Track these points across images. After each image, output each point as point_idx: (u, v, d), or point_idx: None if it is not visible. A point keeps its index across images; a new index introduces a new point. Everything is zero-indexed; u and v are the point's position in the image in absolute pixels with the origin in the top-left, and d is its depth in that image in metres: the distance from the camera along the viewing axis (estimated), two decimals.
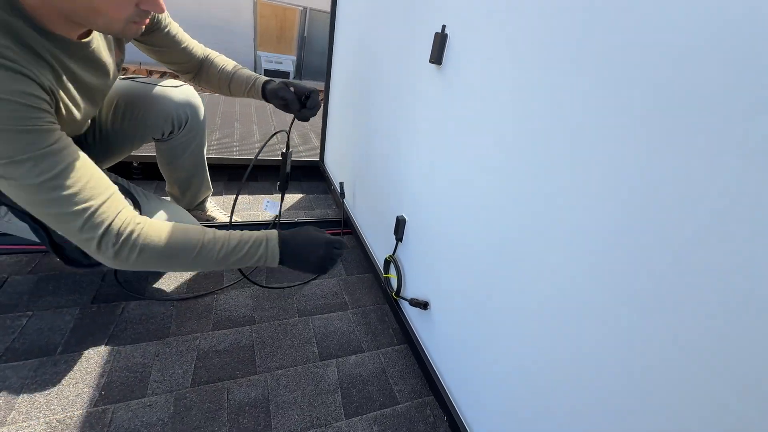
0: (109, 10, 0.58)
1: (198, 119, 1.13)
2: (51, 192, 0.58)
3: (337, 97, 1.62)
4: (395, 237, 0.99)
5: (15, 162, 0.54)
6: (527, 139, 0.56)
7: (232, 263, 0.78)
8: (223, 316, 1.01)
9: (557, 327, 0.54)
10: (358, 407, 0.85)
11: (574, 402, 0.52)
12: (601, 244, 0.47)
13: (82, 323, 0.91)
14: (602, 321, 0.47)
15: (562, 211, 0.51)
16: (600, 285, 0.47)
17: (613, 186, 0.45)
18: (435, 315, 0.87)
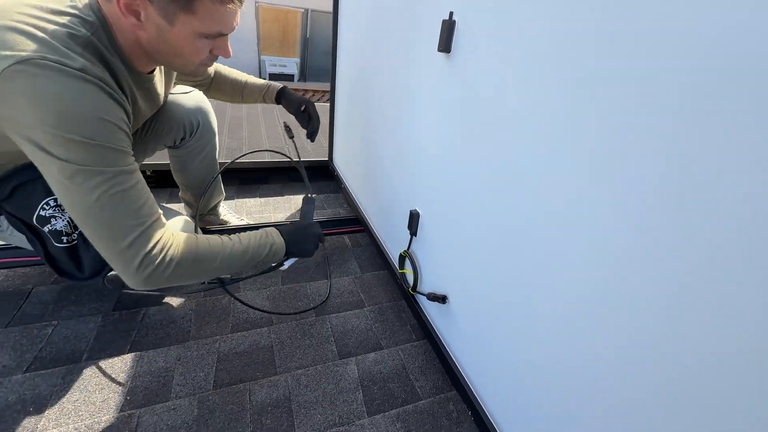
0: (190, 54, 0.69)
1: (209, 124, 1.14)
2: (114, 206, 0.62)
3: (344, 95, 1.61)
4: (409, 231, 0.98)
5: (96, 171, 0.59)
6: (544, 127, 0.54)
7: (246, 262, 0.81)
8: (241, 318, 1.01)
9: (581, 318, 0.52)
10: (380, 404, 0.84)
11: (600, 393, 0.51)
12: (626, 234, 0.44)
13: (105, 330, 0.92)
14: (629, 311, 0.45)
15: (584, 201, 0.49)
16: (623, 276, 0.45)
17: (637, 179, 0.42)
18: (454, 309, 0.86)
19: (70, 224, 0.81)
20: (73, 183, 0.59)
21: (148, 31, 0.64)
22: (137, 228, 0.64)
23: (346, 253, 1.35)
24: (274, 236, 0.87)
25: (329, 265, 1.27)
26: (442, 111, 0.80)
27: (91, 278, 0.87)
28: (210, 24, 0.66)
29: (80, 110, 0.57)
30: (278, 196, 1.71)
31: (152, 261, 0.66)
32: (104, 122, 0.59)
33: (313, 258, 0.97)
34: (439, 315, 0.95)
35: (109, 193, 0.61)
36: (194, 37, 0.66)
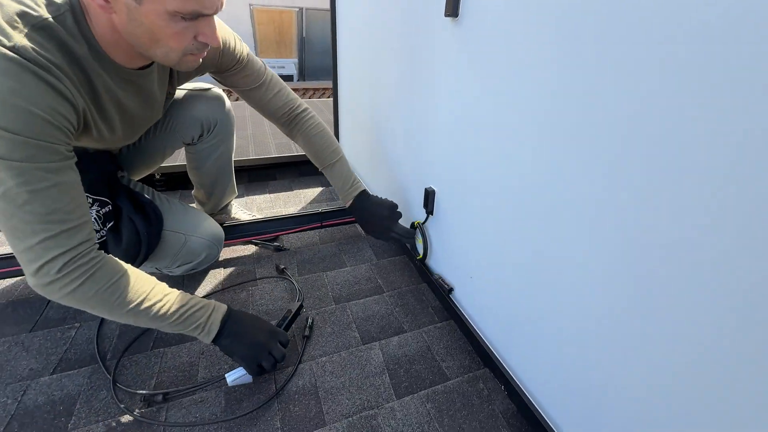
0: (168, 40, 0.59)
1: (227, 123, 1.11)
2: (18, 206, 0.55)
3: (347, 83, 1.59)
4: (426, 210, 0.96)
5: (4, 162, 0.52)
6: (560, 93, 0.52)
7: (167, 326, 0.70)
8: (261, 310, 1.00)
9: (604, 289, 0.49)
10: (408, 387, 0.82)
11: (634, 358, 0.48)
12: (655, 210, 0.42)
13: (127, 329, 0.92)
14: (659, 283, 0.43)
15: (606, 172, 0.47)
16: (647, 248, 0.42)
17: (661, 151, 0.40)
18: (479, 286, 0.84)
19: (98, 221, 0.81)
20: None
21: (118, 14, 0.56)
22: (41, 233, 0.57)
23: (360, 241, 1.33)
24: (213, 318, 0.73)
25: (344, 253, 1.26)
26: (452, 82, 0.77)
27: (134, 259, 0.88)
28: (183, 0, 0.55)
29: (12, 97, 0.50)
30: (287, 191, 1.70)
31: (51, 272, 0.58)
32: (23, 111, 0.51)
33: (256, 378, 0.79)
34: (464, 294, 0.93)
35: (16, 188, 0.53)
36: (168, 17, 0.56)
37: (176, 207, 0.99)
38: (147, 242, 0.88)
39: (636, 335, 0.48)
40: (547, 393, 0.69)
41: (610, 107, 0.46)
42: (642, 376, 0.49)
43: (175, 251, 0.95)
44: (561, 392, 0.65)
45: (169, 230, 0.94)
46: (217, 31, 0.63)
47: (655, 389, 0.47)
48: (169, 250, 0.95)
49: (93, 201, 0.80)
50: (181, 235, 0.95)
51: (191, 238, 0.96)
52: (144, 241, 0.87)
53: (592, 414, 0.58)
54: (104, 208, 0.83)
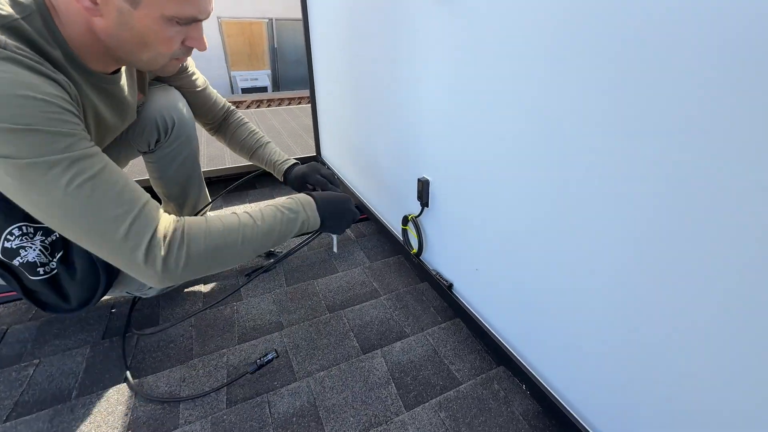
0: (158, 44, 0.58)
1: (185, 122, 1.00)
2: (88, 197, 0.51)
3: (325, 86, 1.53)
4: (420, 203, 0.90)
5: (49, 162, 0.48)
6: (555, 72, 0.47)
7: (277, 236, 0.72)
8: (248, 327, 0.91)
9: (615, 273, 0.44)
10: (417, 396, 0.75)
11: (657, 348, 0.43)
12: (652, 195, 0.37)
13: (96, 361, 0.81)
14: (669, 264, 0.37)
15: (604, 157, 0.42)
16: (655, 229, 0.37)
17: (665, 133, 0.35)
18: (487, 278, 0.78)
19: (44, 252, 0.69)
20: (26, 182, 0.48)
21: (106, 17, 0.53)
22: (126, 216, 0.54)
23: (350, 245, 1.26)
24: (308, 211, 0.77)
25: (335, 258, 1.18)
26: (440, 61, 0.72)
27: (81, 308, 0.76)
28: (182, 4, 0.54)
29: (12, 87, 0.45)
30: (269, 200, 1.61)
31: (159, 248, 0.56)
32: (32, 100, 0.47)
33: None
34: (468, 289, 0.87)
35: (75, 183, 0.49)
36: (163, 22, 0.55)
37: None
38: (105, 269, 0.75)
39: (683, 319, 0.43)
40: (576, 388, 0.63)
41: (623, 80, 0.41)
42: (689, 365, 0.43)
43: None
44: (592, 387, 0.59)
45: None
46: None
47: (707, 380, 0.42)
48: None
49: (35, 230, 0.67)
50: None
51: None
52: (102, 268, 0.74)
53: (631, 408, 0.52)
54: (50, 236, 0.69)
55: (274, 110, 3.09)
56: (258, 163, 1.11)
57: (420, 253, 1.00)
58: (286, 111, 3.05)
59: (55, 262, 0.71)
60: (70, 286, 0.74)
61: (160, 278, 0.58)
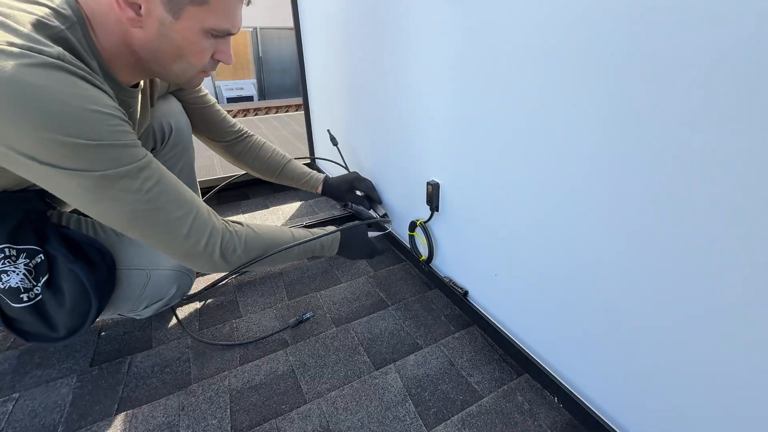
0: (192, 56, 0.60)
1: (183, 130, 0.95)
2: (155, 201, 0.56)
3: (318, 88, 1.49)
4: (430, 207, 0.86)
5: (120, 174, 0.52)
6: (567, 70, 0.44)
7: (303, 251, 0.82)
8: (250, 346, 0.85)
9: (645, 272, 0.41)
10: (437, 413, 0.70)
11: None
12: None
13: (83, 392, 0.74)
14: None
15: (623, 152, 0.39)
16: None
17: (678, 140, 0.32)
18: (507, 284, 0.74)
19: (28, 277, 0.63)
20: (100, 193, 0.51)
21: (146, 29, 0.55)
22: (188, 216, 0.60)
23: None
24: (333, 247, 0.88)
25: (337, 269, 1.13)
26: (448, 65, 0.69)
27: (70, 336, 0.69)
28: (221, 18, 0.57)
29: (70, 105, 0.46)
30: (263, 209, 1.55)
31: (218, 239, 0.65)
32: (99, 114, 0.49)
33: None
34: (486, 296, 0.83)
35: (144, 191, 0.54)
36: (201, 34, 0.57)
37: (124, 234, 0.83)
38: (97, 294, 0.68)
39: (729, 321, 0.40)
40: (614, 399, 0.59)
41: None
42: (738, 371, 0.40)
43: (137, 292, 0.77)
44: (632, 396, 0.55)
45: (126, 268, 0.75)
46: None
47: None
48: (130, 292, 0.76)
49: (18, 252, 0.62)
50: (141, 271, 0.77)
51: (155, 272, 0.78)
52: (93, 294, 0.68)
53: (678, 416, 0.49)
54: (34, 258, 0.63)
55: (263, 118, 3.03)
56: (286, 181, 1.14)
57: (430, 260, 0.96)
58: (275, 119, 3.00)
59: (40, 287, 0.64)
60: (57, 313, 0.67)
61: (224, 264, 0.68)
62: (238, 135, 1.07)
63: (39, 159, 0.47)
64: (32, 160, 0.47)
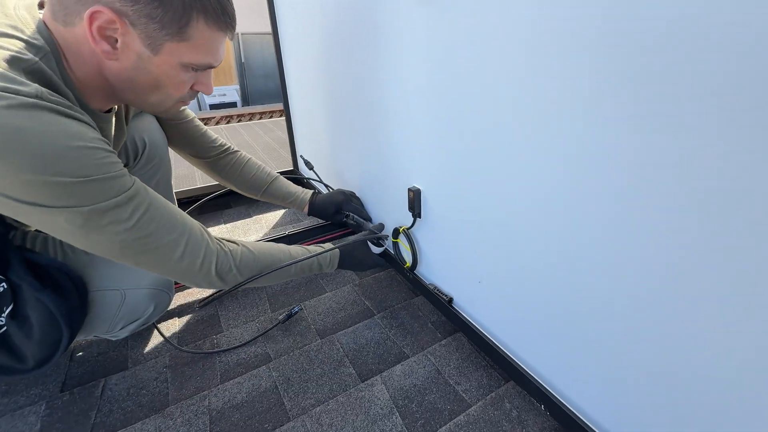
0: (170, 88, 0.58)
1: (158, 145, 0.90)
2: (146, 228, 0.55)
3: (298, 94, 1.47)
4: (412, 214, 0.85)
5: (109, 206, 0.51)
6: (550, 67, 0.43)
7: (301, 269, 0.83)
8: (231, 362, 0.82)
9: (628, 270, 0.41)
10: (425, 424, 0.68)
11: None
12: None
13: (53, 419, 0.70)
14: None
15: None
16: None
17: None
18: (491, 290, 0.73)
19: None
20: (89, 227, 0.50)
21: (122, 61, 0.53)
22: (181, 239, 0.60)
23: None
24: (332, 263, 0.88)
25: (321, 278, 1.11)
26: (425, 70, 0.68)
27: (40, 367, 0.65)
28: (201, 53, 0.55)
29: (55, 144, 0.45)
30: (246, 218, 1.52)
31: (214, 258, 0.65)
32: (84, 150, 0.48)
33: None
34: (470, 303, 0.82)
35: (134, 220, 0.53)
36: (180, 68, 0.56)
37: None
38: (68, 322, 0.64)
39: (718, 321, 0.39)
40: (596, 402, 0.58)
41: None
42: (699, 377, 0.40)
43: (112, 313, 0.72)
44: (613, 400, 0.55)
45: (99, 290, 0.70)
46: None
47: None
48: (104, 314, 0.72)
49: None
50: (116, 291, 0.72)
51: (130, 291, 0.73)
52: (63, 322, 0.63)
53: (657, 419, 0.49)
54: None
55: (246, 125, 2.99)
56: (271, 199, 1.10)
57: (414, 267, 0.95)
58: (258, 125, 2.96)
59: (4, 318, 0.60)
60: (25, 345, 0.63)
61: (213, 285, 0.68)
62: (220, 151, 1.03)
63: (24, 199, 0.45)
64: (16, 201, 0.45)
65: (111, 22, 0.49)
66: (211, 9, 0.53)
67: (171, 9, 0.50)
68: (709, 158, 0.35)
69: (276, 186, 1.09)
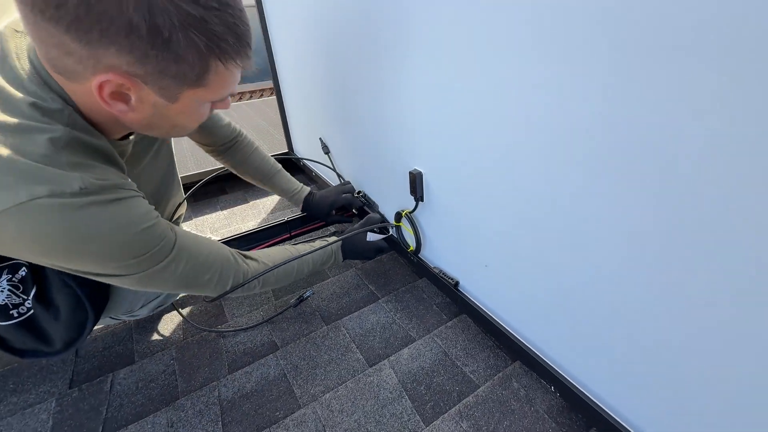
0: (191, 122, 0.58)
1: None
2: (188, 275, 0.63)
3: (290, 71, 1.41)
4: (414, 197, 0.82)
5: (162, 267, 0.58)
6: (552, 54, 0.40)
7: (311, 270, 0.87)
8: (238, 352, 0.82)
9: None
10: (434, 406, 0.69)
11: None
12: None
13: (64, 416, 0.71)
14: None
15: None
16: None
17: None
18: (498, 273, 0.72)
19: (14, 292, 0.59)
20: (143, 283, 0.59)
21: (139, 112, 0.51)
22: (215, 274, 0.68)
23: None
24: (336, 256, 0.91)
25: None
26: (429, 38, 0.64)
27: (67, 349, 0.67)
28: (221, 91, 0.53)
29: (128, 233, 0.52)
30: (243, 204, 1.49)
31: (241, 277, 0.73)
32: (147, 230, 0.54)
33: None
34: (477, 286, 0.81)
35: (178, 272, 0.60)
36: (199, 104, 0.54)
37: None
38: (93, 303, 0.66)
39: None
40: (601, 380, 0.59)
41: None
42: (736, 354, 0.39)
43: (133, 291, 0.74)
44: (617, 378, 0.55)
45: None
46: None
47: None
48: (126, 292, 0.74)
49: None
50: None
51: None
52: (89, 303, 0.65)
53: (677, 402, 0.49)
54: (17, 272, 0.59)
55: (236, 105, 2.90)
56: (271, 189, 1.11)
57: (418, 251, 0.94)
58: (249, 105, 2.87)
59: (31, 301, 0.60)
60: (52, 327, 0.64)
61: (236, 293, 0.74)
62: (229, 140, 0.99)
63: (91, 272, 0.53)
64: (84, 274, 0.53)
65: (121, 85, 0.45)
66: (230, 49, 0.47)
67: (186, 62, 0.45)
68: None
69: (278, 179, 1.09)
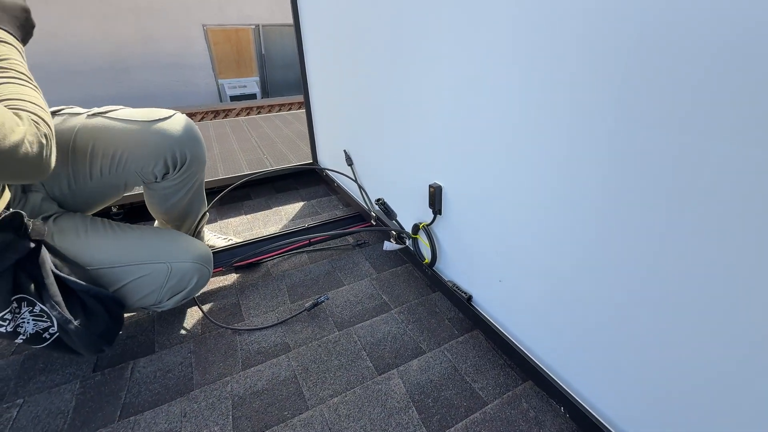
0: None
1: (199, 155, 0.90)
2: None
3: (319, 86, 1.47)
4: (432, 210, 0.84)
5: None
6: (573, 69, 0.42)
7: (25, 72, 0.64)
8: (252, 350, 0.85)
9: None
10: (441, 419, 0.69)
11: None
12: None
13: (86, 398, 0.74)
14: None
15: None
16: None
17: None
18: (513, 290, 0.72)
19: (40, 320, 0.66)
20: None
21: None
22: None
23: (354, 255, 1.20)
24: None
25: (339, 270, 1.12)
26: (451, 56, 0.67)
27: (99, 353, 0.78)
28: None
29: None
30: (265, 210, 1.55)
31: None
32: None
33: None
34: (490, 301, 0.82)
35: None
36: None
37: (144, 233, 0.82)
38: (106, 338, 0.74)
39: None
40: (616, 405, 0.58)
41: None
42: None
43: (160, 283, 0.79)
44: (635, 403, 0.54)
45: (148, 263, 0.78)
46: None
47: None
48: (154, 284, 0.79)
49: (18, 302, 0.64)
50: (163, 264, 0.79)
51: (176, 264, 0.80)
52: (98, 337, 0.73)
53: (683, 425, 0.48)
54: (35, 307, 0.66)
55: (266, 117, 3.02)
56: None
57: (433, 263, 0.95)
58: (278, 118, 2.99)
59: (56, 325, 0.68)
60: (79, 343, 0.70)
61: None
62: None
63: None
64: None
65: None
66: None
67: None
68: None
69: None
